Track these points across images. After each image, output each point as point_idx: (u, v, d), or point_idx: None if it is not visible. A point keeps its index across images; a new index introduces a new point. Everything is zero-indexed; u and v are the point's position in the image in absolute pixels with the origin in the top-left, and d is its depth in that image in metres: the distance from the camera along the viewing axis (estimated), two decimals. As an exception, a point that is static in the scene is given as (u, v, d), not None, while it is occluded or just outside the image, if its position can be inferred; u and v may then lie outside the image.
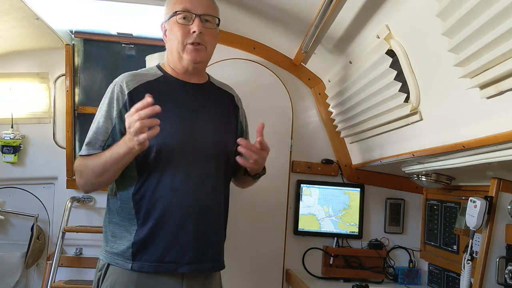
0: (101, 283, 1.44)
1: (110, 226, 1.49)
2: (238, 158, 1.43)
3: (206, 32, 1.48)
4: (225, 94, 1.67)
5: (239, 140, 1.42)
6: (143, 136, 1.26)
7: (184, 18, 1.47)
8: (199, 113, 1.52)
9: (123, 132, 1.41)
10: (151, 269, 1.41)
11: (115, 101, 1.45)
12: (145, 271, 1.41)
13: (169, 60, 1.56)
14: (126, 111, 1.39)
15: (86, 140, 1.47)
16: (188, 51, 1.47)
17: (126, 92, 1.44)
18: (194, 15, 1.46)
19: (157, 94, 1.44)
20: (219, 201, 1.55)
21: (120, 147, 1.35)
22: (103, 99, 1.49)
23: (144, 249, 1.42)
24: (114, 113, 1.44)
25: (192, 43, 1.47)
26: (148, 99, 1.25)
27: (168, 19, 1.51)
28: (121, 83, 1.47)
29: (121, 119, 1.42)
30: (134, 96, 1.44)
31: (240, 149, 1.42)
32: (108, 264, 1.45)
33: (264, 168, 1.62)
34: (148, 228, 1.42)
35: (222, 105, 1.63)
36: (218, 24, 1.54)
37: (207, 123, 1.53)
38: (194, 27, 1.45)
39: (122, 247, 1.43)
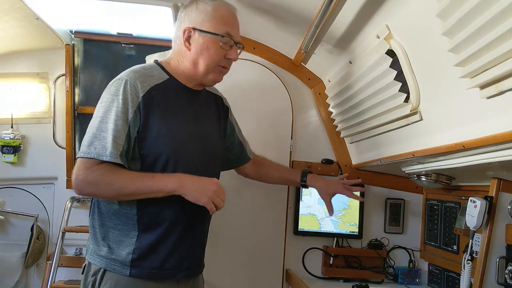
0: None
1: (101, 229, 1.42)
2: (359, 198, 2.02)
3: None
4: (216, 98, 1.68)
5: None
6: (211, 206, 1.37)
7: (225, 42, 1.46)
8: (202, 121, 1.53)
9: (135, 137, 1.36)
10: (150, 276, 1.39)
11: (129, 102, 1.35)
12: (144, 278, 1.39)
13: (183, 65, 1.49)
14: (140, 114, 1.36)
15: (102, 141, 1.32)
16: (215, 71, 1.48)
17: (141, 95, 1.37)
18: (233, 42, 1.48)
19: (167, 99, 1.44)
20: None
21: (171, 183, 1.34)
22: (110, 96, 1.37)
23: (145, 256, 1.39)
24: (130, 115, 1.35)
25: (222, 66, 1.49)
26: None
27: (205, 33, 1.44)
28: (133, 82, 1.37)
29: (134, 123, 1.35)
30: (147, 100, 1.38)
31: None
32: (104, 270, 1.39)
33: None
34: (154, 235, 1.39)
35: (215, 110, 1.65)
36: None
37: (209, 131, 1.55)
38: (234, 55, 1.48)
39: (120, 252, 1.38)
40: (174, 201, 1.38)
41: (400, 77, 1.51)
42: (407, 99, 1.52)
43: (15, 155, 2.60)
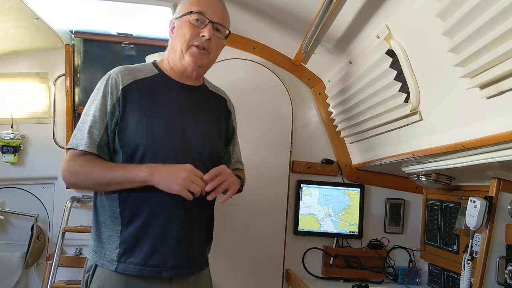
0: (89, 284, 1.40)
1: (96, 224, 1.45)
2: (221, 199, 1.44)
3: (214, 40, 1.47)
4: (218, 98, 1.66)
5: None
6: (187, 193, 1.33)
7: (197, 20, 1.45)
8: (191, 116, 1.50)
9: (114, 128, 1.39)
10: (134, 272, 1.37)
11: (109, 95, 1.40)
12: (128, 274, 1.37)
13: (170, 57, 1.52)
14: (119, 106, 1.39)
15: (82, 132, 1.39)
16: (191, 53, 1.45)
17: (120, 87, 1.41)
18: (208, 21, 1.45)
19: (151, 92, 1.45)
20: (205, 204, 1.48)
21: (142, 172, 1.34)
22: (96, 90, 1.44)
23: (130, 251, 1.38)
24: (108, 107, 1.40)
25: (198, 46, 1.45)
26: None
27: (180, 17, 1.48)
28: (116, 76, 1.43)
29: (113, 115, 1.39)
30: (127, 92, 1.41)
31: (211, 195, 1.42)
32: (96, 265, 1.40)
33: (240, 178, 1.61)
34: (134, 228, 1.39)
35: (214, 109, 1.62)
36: (226, 37, 1.53)
37: (199, 127, 1.51)
38: (205, 31, 1.44)
39: (109, 247, 1.39)
40: (153, 193, 1.36)
41: (400, 77, 1.51)
42: (407, 99, 1.52)
43: (15, 155, 2.59)
